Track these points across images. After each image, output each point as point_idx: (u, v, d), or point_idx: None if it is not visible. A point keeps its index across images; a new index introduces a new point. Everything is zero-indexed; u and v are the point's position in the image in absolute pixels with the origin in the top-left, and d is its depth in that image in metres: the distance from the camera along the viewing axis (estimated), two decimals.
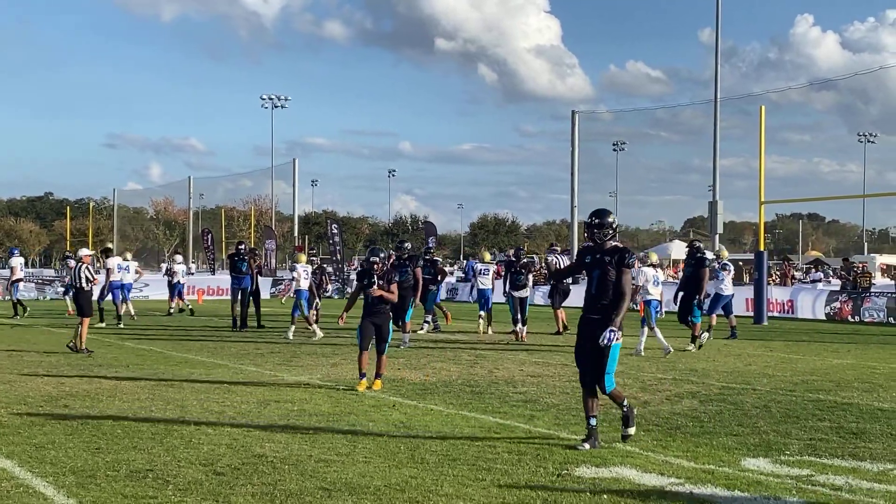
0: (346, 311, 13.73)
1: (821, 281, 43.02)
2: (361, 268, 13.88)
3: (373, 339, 13.17)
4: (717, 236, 54.88)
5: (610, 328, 8.93)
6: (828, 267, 56.85)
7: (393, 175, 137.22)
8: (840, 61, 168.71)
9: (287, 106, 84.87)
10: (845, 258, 43.30)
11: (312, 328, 22.01)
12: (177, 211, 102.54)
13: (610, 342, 8.92)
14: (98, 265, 38.15)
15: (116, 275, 26.39)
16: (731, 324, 23.10)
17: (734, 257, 77.52)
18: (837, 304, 31.58)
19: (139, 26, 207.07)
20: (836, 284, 40.52)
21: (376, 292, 13.06)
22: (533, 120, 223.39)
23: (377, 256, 13.45)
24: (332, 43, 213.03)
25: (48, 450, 8.87)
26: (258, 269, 25.68)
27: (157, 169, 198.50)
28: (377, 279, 13.15)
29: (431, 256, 25.12)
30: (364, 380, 13.06)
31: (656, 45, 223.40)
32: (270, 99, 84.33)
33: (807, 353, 19.25)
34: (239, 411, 11.14)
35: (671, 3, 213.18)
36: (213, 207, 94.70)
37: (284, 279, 41.20)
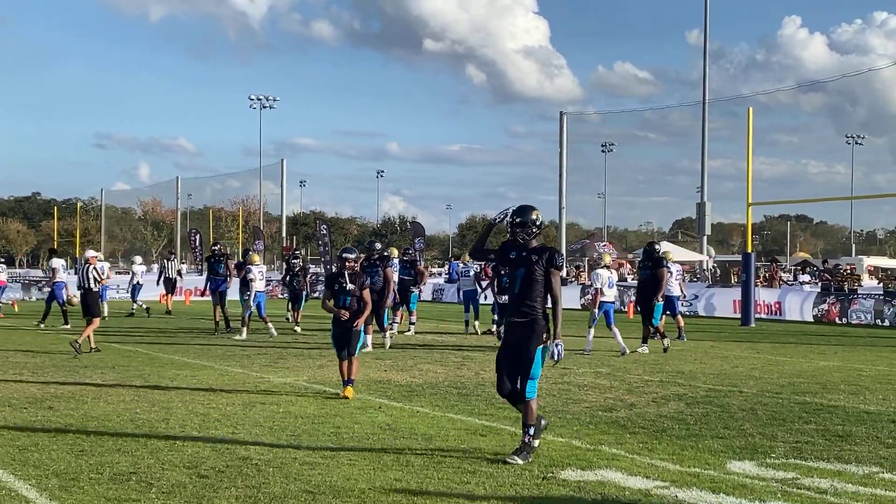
0: (347, 320, 12.69)
1: (808, 283, 43.11)
2: (330, 273, 13.50)
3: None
4: (705, 237, 55.04)
5: (556, 342, 8.56)
6: (815, 269, 56.97)
7: (381, 176, 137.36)
8: (828, 63, 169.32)
9: (275, 106, 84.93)
10: (825, 260, 43.45)
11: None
12: (165, 211, 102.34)
13: (559, 357, 8.56)
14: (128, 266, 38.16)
15: (62, 275, 26.27)
16: (679, 324, 23.25)
17: (722, 259, 77.73)
18: (825, 305, 31.66)
19: (127, 26, 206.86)
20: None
21: (344, 315, 12.55)
22: (522, 121, 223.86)
23: (350, 254, 13.07)
24: (321, 43, 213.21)
25: (31, 452, 8.82)
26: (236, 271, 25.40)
27: (145, 169, 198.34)
28: (348, 282, 12.66)
29: (411, 257, 25.10)
30: (349, 386, 12.60)
31: (644, 45, 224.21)
32: (259, 99, 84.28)
33: (794, 356, 19.28)
34: (224, 413, 11.09)
35: (659, 5, 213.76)
36: (201, 208, 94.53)
37: (272, 280, 41.13)
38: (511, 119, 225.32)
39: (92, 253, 19.90)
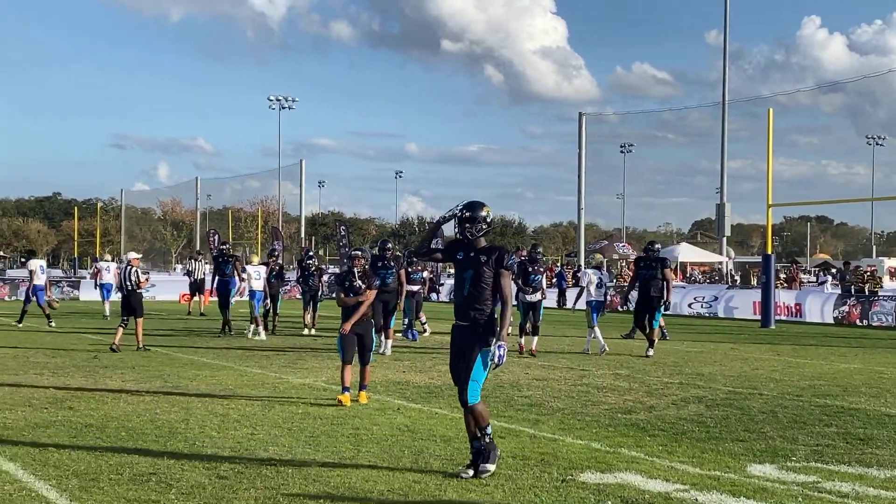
0: (346, 321, 12.36)
1: (828, 283, 42.88)
2: (341, 272, 13.35)
3: (356, 350, 12.35)
4: (724, 239, 54.89)
5: (498, 344, 7.96)
6: (836, 270, 56.69)
7: (400, 176, 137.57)
8: (847, 63, 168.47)
9: (294, 107, 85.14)
10: (846, 262, 43.15)
11: (258, 329, 22.30)
12: (184, 211, 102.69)
13: (502, 360, 7.95)
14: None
15: (40, 278, 26.20)
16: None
17: (741, 260, 77.37)
18: (845, 307, 31.49)
19: (145, 27, 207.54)
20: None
21: (346, 329, 12.19)
22: (539, 121, 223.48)
23: (360, 251, 12.95)
24: (339, 44, 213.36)
25: (52, 452, 8.86)
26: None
27: (164, 169, 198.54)
28: (357, 281, 12.41)
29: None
30: (347, 393, 11.99)
31: (662, 46, 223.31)
32: (278, 100, 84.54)
33: (814, 358, 19.18)
34: (243, 414, 11.11)
35: (677, 5, 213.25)
36: (220, 208, 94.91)
37: (290, 281, 41.15)
38: (528, 120, 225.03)
39: (133, 255, 20.22)
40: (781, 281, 43.19)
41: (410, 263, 22.24)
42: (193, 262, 34.55)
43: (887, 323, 29.83)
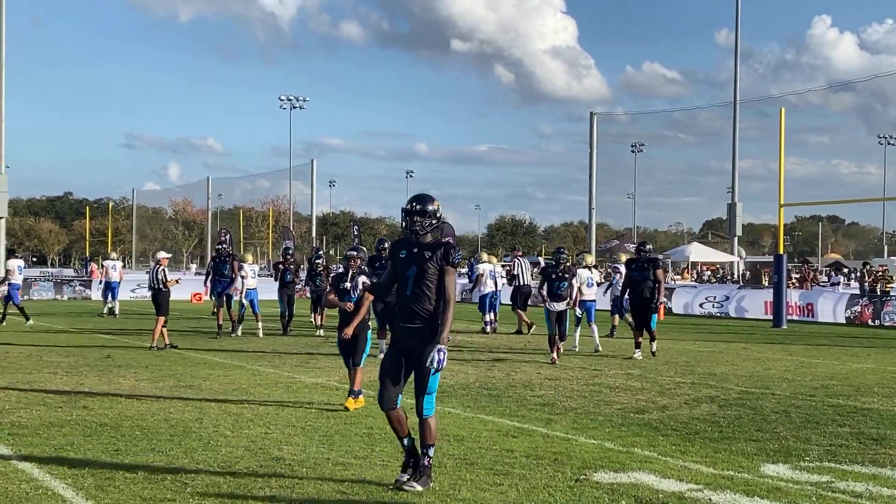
0: (346, 325, 11.52)
1: (840, 284, 42.80)
2: (337, 272, 12.93)
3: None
4: (735, 239, 54.81)
5: (437, 347, 7.46)
6: (848, 270, 56.55)
7: (411, 176, 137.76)
8: (858, 63, 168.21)
9: (305, 107, 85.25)
10: (865, 262, 43.09)
11: (236, 325, 22.61)
12: (196, 211, 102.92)
13: (440, 365, 7.50)
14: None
15: (17, 277, 26.24)
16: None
17: (753, 260, 77.19)
18: (858, 307, 31.41)
19: (156, 27, 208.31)
20: (855, 287, 40.32)
21: (349, 307, 11.48)
22: (549, 121, 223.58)
23: (356, 252, 12.50)
24: (349, 44, 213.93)
25: (67, 451, 8.90)
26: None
27: (175, 169, 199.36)
28: (349, 281, 11.94)
29: None
30: (360, 396, 11.70)
31: (672, 46, 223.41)
32: (289, 100, 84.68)
33: (827, 358, 19.14)
34: (257, 413, 11.15)
35: (687, 5, 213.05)
36: (231, 208, 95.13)
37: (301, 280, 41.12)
38: (538, 119, 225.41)
39: (163, 254, 20.49)
40: (793, 281, 43.12)
41: None
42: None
43: None
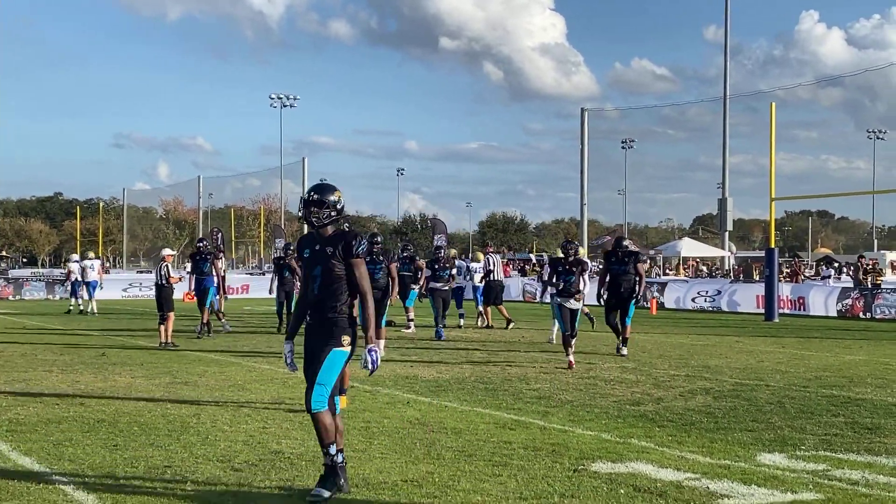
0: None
1: (831, 277, 42.93)
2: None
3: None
4: (726, 233, 54.94)
5: (368, 349, 7.14)
6: (839, 265, 56.74)
7: (401, 174, 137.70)
8: (846, 58, 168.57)
9: (296, 105, 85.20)
10: (860, 256, 43.22)
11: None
12: (186, 210, 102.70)
13: (374, 366, 7.18)
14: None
15: None
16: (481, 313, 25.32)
17: (743, 255, 77.36)
18: (849, 300, 31.54)
19: (145, 26, 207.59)
20: (846, 281, 40.46)
21: None
22: (539, 118, 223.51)
23: None
24: (338, 42, 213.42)
25: (66, 447, 8.91)
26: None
27: (164, 169, 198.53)
28: None
29: (410, 253, 25.23)
30: (343, 395, 10.97)
31: (661, 42, 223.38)
32: (279, 98, 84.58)
33: (819, 350, 19.23)
34: (254, 408, 11.17)
35: (675, 1, 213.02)
36: (221, 207, 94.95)
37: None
38: (528, 117, 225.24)
39: (167, 251, 20.86)
40: (785, 275, 43.26)
41: (437, 261, 22.25)
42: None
43: (891, 315, 29.87)
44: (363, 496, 7.16)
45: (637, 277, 17.88)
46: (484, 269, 25.93)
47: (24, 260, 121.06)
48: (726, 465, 8.19)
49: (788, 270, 46.88)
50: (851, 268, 41.98)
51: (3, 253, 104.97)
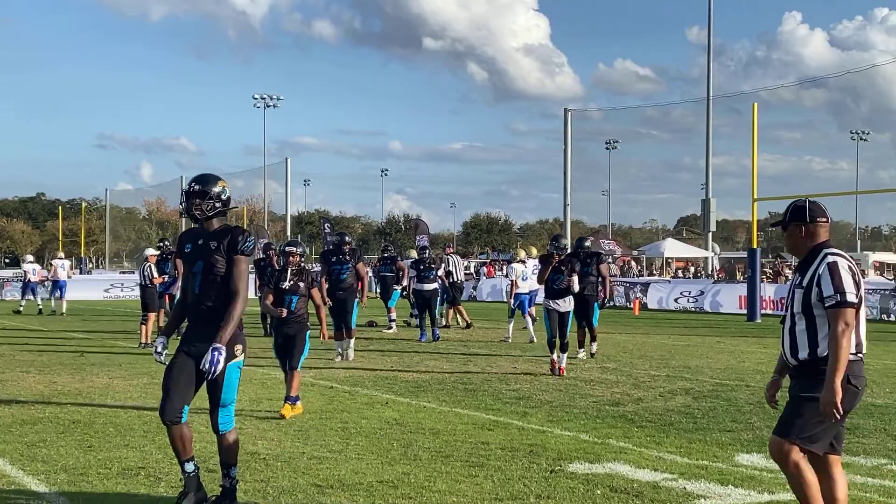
0: (285, 327, 11.40)
1: None
2: (273, 270, 11.82)
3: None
4: (710, 234, 55.04)
5: (213, 347, 6.45)
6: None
7: (386, 174, 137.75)
8: (829, 59, 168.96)
9: (280, 105, 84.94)
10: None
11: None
12: (170, 211, 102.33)
13: (215, 367, 6.49)
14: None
15: None
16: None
17: (727, 255, 77.53)
18: None
19: (128, 26, 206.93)
20: None
21: (282, 313, 11.20)
22: (523, 119, 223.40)
23: (295, 248, 11.72)
24: (322, 42, 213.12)
25: (40, 448, 8.83)
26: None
27: (147, 169, 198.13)
28: (290, 279, 11.36)
29: (391, 254, 25.13)
30: (298, 403, 10.94)
31: (644, 43, 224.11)
32: (263, 98, 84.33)
33: None
34: None
35: (658, 2, 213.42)
36: None
37: None
38: (512, 117, 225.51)
39: (151, 252, 20.73)
40: (767, 275, 43.35)
41: (422, 262, 22.27)
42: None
43: (872, 316, 29.95)
44: (337, 498, 7.10)
45: (600, 279, 17.43)
46: (444, 270, 25.70)
47: (7, 261, 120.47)
48: (704, 466, 8.17)
49: (771, 271, 46.96)
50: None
51: None
